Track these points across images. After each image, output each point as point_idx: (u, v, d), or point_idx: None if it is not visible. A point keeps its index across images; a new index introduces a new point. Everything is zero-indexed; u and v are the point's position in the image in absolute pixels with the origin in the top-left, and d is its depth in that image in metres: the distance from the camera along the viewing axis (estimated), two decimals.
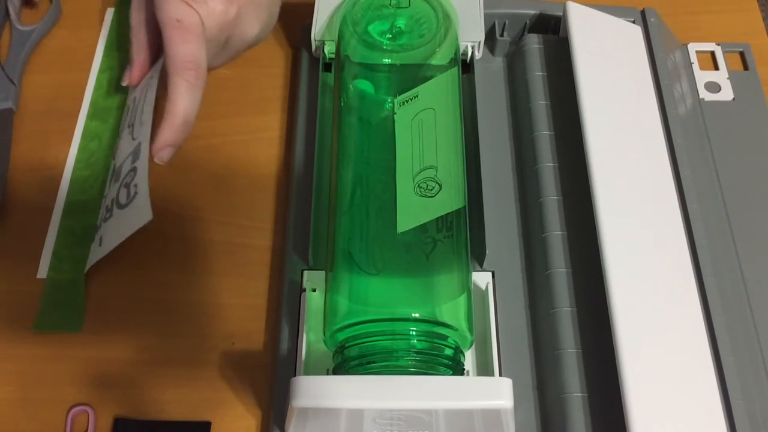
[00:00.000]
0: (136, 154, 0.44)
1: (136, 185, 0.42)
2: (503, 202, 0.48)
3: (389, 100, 0.46)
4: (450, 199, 0.41)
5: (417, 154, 0.43)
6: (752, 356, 0.43)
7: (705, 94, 0.53)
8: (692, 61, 0.54)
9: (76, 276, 0.45)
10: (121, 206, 0.43)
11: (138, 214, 0.41)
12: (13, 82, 0.52)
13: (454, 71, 0.47)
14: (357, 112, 0.46)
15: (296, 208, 0.47)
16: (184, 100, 0.43)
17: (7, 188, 0.48)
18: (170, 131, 0.43)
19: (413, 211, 0.41)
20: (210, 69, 0.46)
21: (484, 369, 0.42)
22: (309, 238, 0.44)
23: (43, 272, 0.45)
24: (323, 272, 0.43)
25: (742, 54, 0.55)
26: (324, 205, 0.45)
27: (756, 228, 0.47)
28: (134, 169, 0.43)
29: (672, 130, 0.47)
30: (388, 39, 0.48)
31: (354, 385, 0.35)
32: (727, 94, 0.53)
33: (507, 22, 0.53)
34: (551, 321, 0.42)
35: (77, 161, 0.50)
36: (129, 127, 0.47)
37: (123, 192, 0.43)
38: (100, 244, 0.44)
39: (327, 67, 0.51)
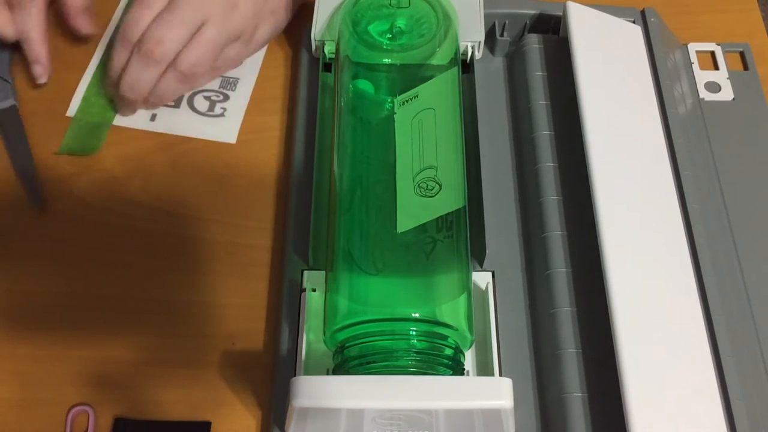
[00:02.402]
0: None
1: (225, 108, 0.52)
2: (503, 202, 0.48)
3: (389, 100, 0.46)
4: (450, 199, 0.41)
5: (417, 154, 0.43)
6: (752, 356, 0.43)
7: (705, 94, 0.53)
8: (692, 61, 0.54)
9: (102, 121, 0.51)
10: (198, 112, 0.52)
11: (222, 133, 0.51)
12: (6, 80, 0.51)
13: (454, 71, 0.47)
14: (357, 112, 0.46)
15: (296, 208, 0.47)
16: None
17: (41, 185, 0.49)
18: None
19: (413, 211, 0.41)
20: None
21: (484, 369, 0.42)
22: (309, 238, 0.44)
23: (72, 111, 0.52)
24: (323, 272, 0.43)
25: (742, 54, 0.55)
26: (324, 205, 0.45)
27: (756, 228, 0.47)
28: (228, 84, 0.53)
29: (672, 130, 0.47)
30: (388, 39, 0.48)
31: (354, 385, 0.35)
32: (727, 94, 0.53)
33: (507, 22, 0.53)
34: (551, 321, 0.42)
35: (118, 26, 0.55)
36: None
37: (203, 101, 0.52)
38: (152, 119, 0.52)
39: (327, 67, 0.51)
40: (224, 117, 0.52)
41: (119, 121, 0.52)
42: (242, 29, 0.50)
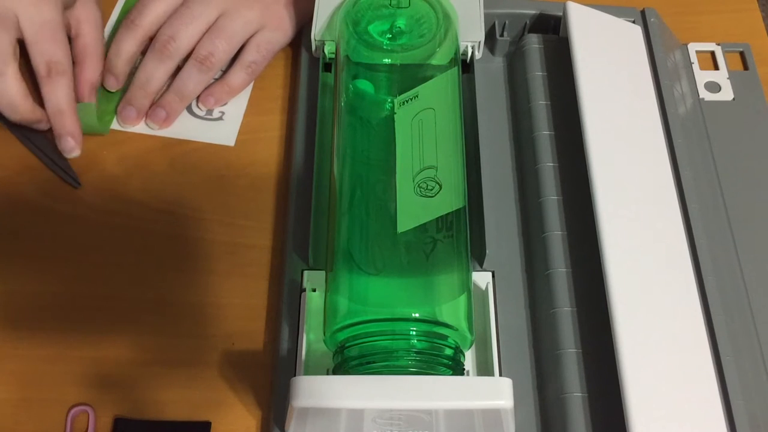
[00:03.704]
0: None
1: (223, 112, 0.52)
2: (503, 202, 0.48)
3: (389, 100, 0.46)
4: (450, 199, 0.41)
5: (417, 154, 0.43)
6: (752, 356, 0.43)
7: (705, 94, 0.53)
8: (692, 61, 0.54)
9: (106, 108, 0.51)
10: (196, 116, 0.52)
11: (221, 136, 0.51)
12: None
13: (454, 71, 0.47)
14: (357, 112, 0.46)
15: (296, 208, 0.47)
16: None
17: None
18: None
19: (413, 211, 0.41)
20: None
21: (484, 369, 0.42)
22: (309, 238, 0.44)
23: None
24: (323, 272, 0.43)
25: (742, 54, 0.55)
26: (324, 205, 0.45)
27: (756, 228, 0.47)
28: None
29: (672, 130, 0.47)
30: (388, 39, 0.48)
31: (354, 385, 0.35)
32: (727, 94, 0.53)
33: (507, 22, 0.53)
34: (551, 321, 0.42)
35: (112, 31, 0.54)
36: None
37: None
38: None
39: (327, 67, 0.51)
40: (223, 120, 0.52)
41: (117, 125, 0.51)
42: (260, 16, 0.51)
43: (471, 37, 0.51)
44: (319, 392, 0.35)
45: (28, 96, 0.47)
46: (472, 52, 0.51)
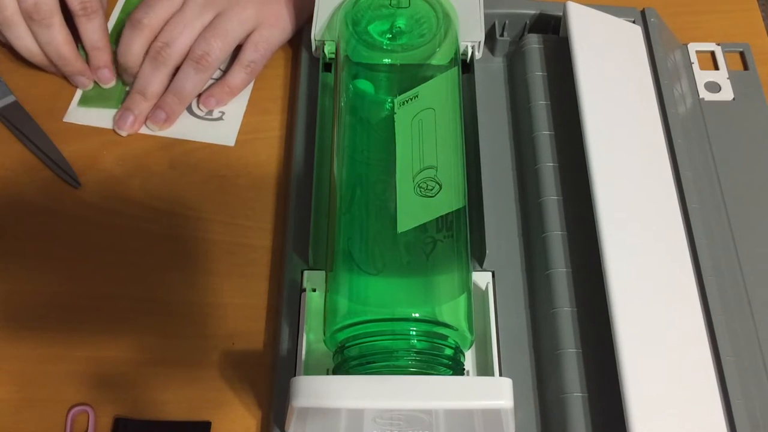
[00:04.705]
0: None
1: (223, 112, 0.52)
2: (503, 202, 0.48)
3: (389, 100, 0.46)
4: (450, 199, 0.41)
5: (417, 154, 0.43)
6: (752, 356, 0.43)
7: (705, 94, 0.53)
8: (692, 61, 0.54)
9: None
10: (196, 116, 0.52)
11: (221, 136, 0.51)
12: None
13: (454, 71, 0.47)
14: (357, 112, 0.46)
15: (296, 208, 0.47)
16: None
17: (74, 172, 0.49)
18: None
19: (413, 211, 0.41)
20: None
21: (484, 369, 0.42)
22: (309, 238, 0.44)
23: (68, 117, 0.52)
24: (323, 272, 0.43)
25: (742, 54, 0.55)
26: (324, 205, 0.45)
27: (756, 228, 0.47)
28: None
29: (672, 130, 0.47)
30: (388, 39, 0.48)
31: (354, 385, 0.35)
32: (727, 94, 0.53)
33: (507, 22, 0.53)
34: (551, 321, 0.42)
35: (112, 33, 0.55)
36: None
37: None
38: None
39: (327, 67, 0.51)
40: (223, 120, 0.52)
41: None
42: (256, 14, 0.52)
43: (471, 37, 0.51)
44: (319, 392, 0.35)
45: (74, 45, 0.51)
46: (472, 52, 0.51)
